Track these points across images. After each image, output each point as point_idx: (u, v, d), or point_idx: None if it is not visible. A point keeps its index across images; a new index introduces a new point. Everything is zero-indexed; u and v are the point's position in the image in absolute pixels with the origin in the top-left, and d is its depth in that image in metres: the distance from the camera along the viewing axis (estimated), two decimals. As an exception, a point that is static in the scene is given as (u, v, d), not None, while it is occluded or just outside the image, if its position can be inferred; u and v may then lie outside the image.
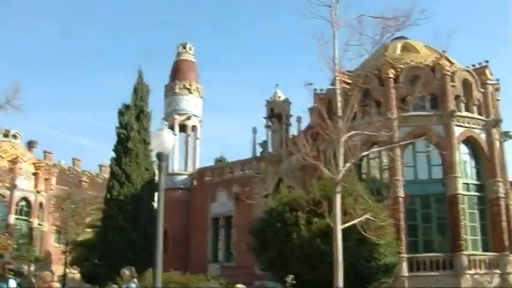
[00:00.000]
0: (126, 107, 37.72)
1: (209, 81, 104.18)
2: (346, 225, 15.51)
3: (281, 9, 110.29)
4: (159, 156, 12.50)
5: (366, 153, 16.22)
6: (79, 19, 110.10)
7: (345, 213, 20.55)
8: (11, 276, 27.95)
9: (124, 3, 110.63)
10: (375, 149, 20.17)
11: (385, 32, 15.70)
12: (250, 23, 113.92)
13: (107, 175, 60.57)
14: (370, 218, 15.32)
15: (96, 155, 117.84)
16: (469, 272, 25.87)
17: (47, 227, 52.79)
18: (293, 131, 36.04)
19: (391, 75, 28.95)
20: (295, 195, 22.40)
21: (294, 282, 21.94)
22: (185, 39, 42.18)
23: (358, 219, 15.22)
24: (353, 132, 15.50)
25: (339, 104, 15.46)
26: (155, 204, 38.86)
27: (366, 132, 15.38)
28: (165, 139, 12.54)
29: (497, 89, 30.82)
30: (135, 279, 11.43)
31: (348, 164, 14.94)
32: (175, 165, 39.33)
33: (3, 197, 48.86)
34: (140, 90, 38.19)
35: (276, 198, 23.38)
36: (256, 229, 23.15)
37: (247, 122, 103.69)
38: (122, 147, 36.83)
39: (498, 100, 30.60)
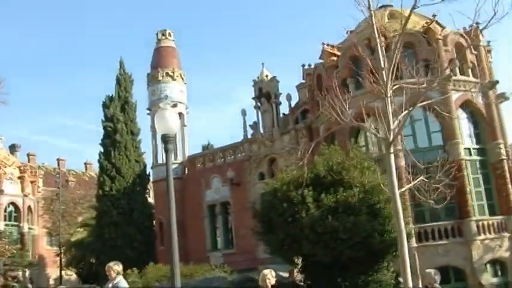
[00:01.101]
0: (110, 98, 36.83)
1: (191, 68, 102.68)
2: (404, 189, 14.65)
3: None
4: (165, 138, 11.53)
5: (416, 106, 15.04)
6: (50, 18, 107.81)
7: (351, 186, 20.11)
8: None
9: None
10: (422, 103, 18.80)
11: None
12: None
13: (92, 173, 59.92)
14: (424, 179, 14.54)
15: (78, 156, 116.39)
16: (479, 237, 25.47)
17: (38, 230, 51.90)
18: (283, 109, 35.73)
19: (382, 44, 28.24)
20: (299, 173, 21.47)
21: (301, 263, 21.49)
22: (164, 26, 40.98)
23: (414, 183, 14.39)
24: (398, 86, 14.37)
25: (381, 54, 14.48)
26: (149, 197, 38.42)
27: (411, 86, 14.19)
28: (169, 119, 11.57)
29: (489, 51, 30.32)
30: (121, 276, 10.46)
31: (396, 122, 14.10)
32: (164, 155, 38.02)
33: (-9, 203, 47.83)
34: (123, 81, 37.33)
35: (278, 178, 22.40)
36: (260, 212, 22.21)
37: (232, 108, 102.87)
38: (110, 140, 35.98)
39: (491, 62, 30.09)
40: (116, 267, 10.39)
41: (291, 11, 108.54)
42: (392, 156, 13.58)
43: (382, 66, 13.67)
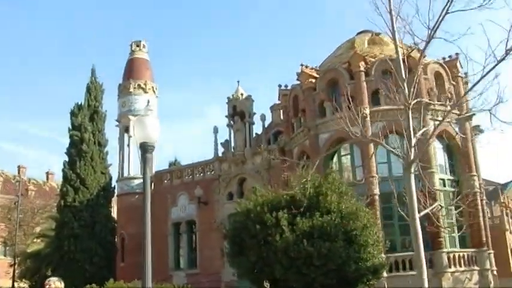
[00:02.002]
0: (79, 107, 35.79)
1: (162, 80, 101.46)
2: (422, 213, 14.17)
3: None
4: (144, 147, 10.57)
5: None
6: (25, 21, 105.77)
7: (328, 211, 19.61)
8: None
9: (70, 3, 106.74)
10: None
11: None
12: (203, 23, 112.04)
13: (54, 183, 58.32)
14: (441, 205, 14.05)
15: (40, 166, 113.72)
16: (449, 270, 25.21)
17: (-8, 238, 49.96)
18: (256, 129, 35.12)
19: (362, 68, 28.00)
20: (274, 195, 20.91)
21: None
22: (138, 37, 40.08)
23: (431, 208, 13.91)
24: (416, 100, 14.49)
25: (402, 67, 14.07)
26: (113, 211, 37.19)
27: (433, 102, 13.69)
28: (149, 126, 10.58)
29: (466, 83, 30.25)
30: None
31: (414, 139, 14.17)
32: (131, 168, 37.07)
33: None
34: (94, 89, 36.37)
35: (252, 198, 21.77)
36: (232, 233, 21.57)
37: (200, 126, 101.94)
38: (76, 149, 34.89)
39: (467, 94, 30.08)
40: (58, 283, 9.14)
41: (270, 29, 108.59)
42: (412, 176, 13.33)
43: (404, 78, 13.69)
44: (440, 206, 13.92)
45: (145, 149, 10.47)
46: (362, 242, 18.99)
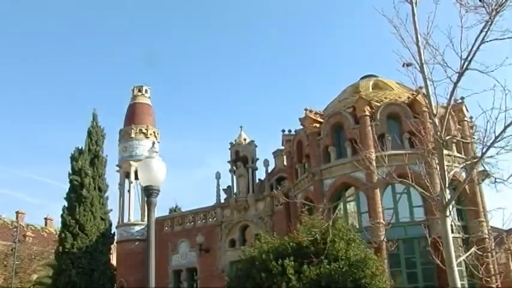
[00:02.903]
0: (80, 151, 35.32)
1: (163, 128, 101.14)
2: (459, 260, 13.27)
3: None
4: (149, 190, 10.13)
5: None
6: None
7: (336, 259, 18.94)
8: None
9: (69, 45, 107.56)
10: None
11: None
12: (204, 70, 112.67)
13: (52, 229, 57.26)
14: (477, 251, 13.34)
15: (39, 212, 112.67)
16: (461, 319, 24.14)
17: (-12, 286, 48.71)
18: (259, 174, 34.68)
19: (367, 113, 27.65)
20: (279, 242, 20.36)
21: None
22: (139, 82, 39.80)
23: (466, 255, 13.17)
24: (449, 137, 13.35)
25: (432, 100, 13.12)
26: (112, 257, 36.31)
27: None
28: (155, 169, 10.21)
29: (472, 127, 29.92)
30: None
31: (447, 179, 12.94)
32: (131, 215, 36.45)
33: None
34: (95, 134, 36.00)
35: (256, 246, 21.20)
36: (236, 281, 20.92)
37: (201, 173, 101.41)
38: (75, 194, 34.31)
39: (474, 138, 29.69)
40: None
41: (272, 75, 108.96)
42: (448, 220, 12.31)
43: (435, 113, 12.85)
44: (477, 252, 13.07)
45: (150, 192, 10.13)
46: (370, 290, 18.21)
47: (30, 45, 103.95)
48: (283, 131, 33.36)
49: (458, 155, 27.49)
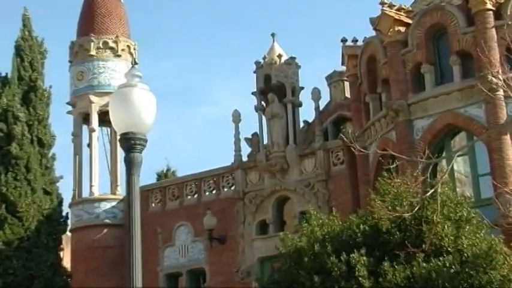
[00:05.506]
0: (3, 80, 24.26)
1: (143, 41, 74.19)
2: None
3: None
4: (129, 141, 6.16)
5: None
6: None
7: (439, 252, 14.30)
8: None
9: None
10: None
11: None
12: None
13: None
14: None
15: None
16: None
17: None
18: (305, 114, 25.69)
19: (489, 5, 20.15)
20: (341, 224, 15.48)
21: None
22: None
23: None
24: None
25: None
26: (63, 254, 26.95)
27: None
28: (138, 105, 6.18)
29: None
30: None
31: None
32: (95, 185, 25.89)
33: None
34: (28, 50, 24.63)
35: (304, 231, 15.98)
36: (272, 286, 17.24)
37: (208, 111, 77.45)
38: (-1, 153, 24.38)
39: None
40: None
41: None
42: None
43: None
44: None
45: (132, 144, 6.28)
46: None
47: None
48: (344, 40, 24.16)
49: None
